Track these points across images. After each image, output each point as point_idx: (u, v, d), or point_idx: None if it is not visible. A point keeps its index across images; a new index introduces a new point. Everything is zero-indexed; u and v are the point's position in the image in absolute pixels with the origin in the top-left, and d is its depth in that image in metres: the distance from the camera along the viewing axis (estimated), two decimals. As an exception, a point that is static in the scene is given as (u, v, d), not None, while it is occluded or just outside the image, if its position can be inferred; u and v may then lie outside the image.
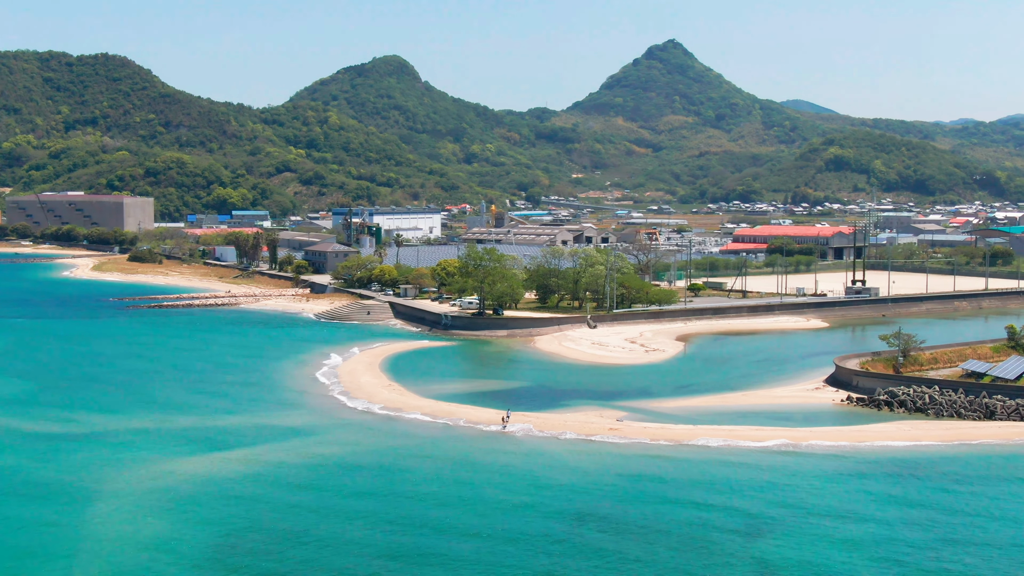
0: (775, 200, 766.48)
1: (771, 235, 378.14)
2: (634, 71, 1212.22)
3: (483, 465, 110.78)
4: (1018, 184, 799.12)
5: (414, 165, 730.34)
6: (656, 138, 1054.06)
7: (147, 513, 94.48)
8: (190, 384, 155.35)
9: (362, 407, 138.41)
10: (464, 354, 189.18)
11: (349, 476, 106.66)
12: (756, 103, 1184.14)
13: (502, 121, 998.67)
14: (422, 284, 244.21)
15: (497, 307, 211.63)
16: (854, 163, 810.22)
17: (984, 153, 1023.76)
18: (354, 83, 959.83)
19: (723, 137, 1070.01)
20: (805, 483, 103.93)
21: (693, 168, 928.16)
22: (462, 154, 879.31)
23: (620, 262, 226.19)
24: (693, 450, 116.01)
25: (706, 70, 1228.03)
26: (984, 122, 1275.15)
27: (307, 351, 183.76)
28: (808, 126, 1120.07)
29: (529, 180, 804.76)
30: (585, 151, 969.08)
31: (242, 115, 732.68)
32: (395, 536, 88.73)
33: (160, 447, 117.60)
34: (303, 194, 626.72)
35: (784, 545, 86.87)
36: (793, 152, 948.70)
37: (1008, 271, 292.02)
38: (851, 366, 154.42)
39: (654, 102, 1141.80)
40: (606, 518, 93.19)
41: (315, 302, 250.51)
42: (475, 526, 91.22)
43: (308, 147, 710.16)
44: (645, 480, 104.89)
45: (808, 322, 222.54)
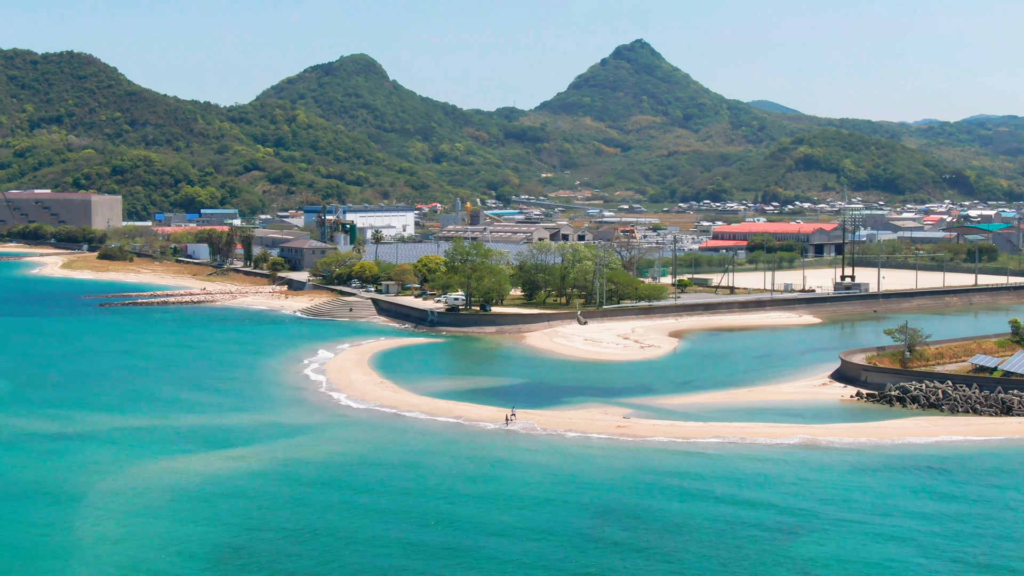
0: (745, 199, 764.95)
1: (751, 232, 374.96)
2: (602, 71, 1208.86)
3: (498, 463, 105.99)
4: (987, 183, 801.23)
5: (383, 164, 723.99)
6: (625, 138, 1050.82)
7: (147, 513, 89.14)
8: (177, 381, 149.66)
9: (357, 405, 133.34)
10: (454, 351, 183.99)
11: (358, 475, 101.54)
12: (723, 103, 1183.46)
13: (471, 120, 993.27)
14: (404, 280, 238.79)
15: (484, 303, 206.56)
16: (823, 162, 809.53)
17: (951, 152, 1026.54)
18: (321, 82, 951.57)
19: (691, 137, 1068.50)
20: (833, 480, 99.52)
21: (662, 168, 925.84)
22: (431, 153, 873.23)
23: (609, 257, 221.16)
24: (709, 447, 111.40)
25: (674, 70, 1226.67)
26: (949, 122, 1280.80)
27: (292, 348, 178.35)
28: (776, 126, 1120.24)
29: (499, 179, 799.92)
30: (554, 151, 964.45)
31: (209, 113, 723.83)
32: (424, 534, 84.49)
33: (154, 445, 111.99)
34: (272, 192, 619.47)
35: (825, 544, 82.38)
36: (761, 152, 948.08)
37: (994, 267, 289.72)
38: (857, 361, 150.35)
39: (622, 102, 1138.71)
40: (633, 516, 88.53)
41: (294, 299, 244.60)
42: (501, 523, 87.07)
43: (276, 145, 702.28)
44: (667, 477, 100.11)
45: (800, 318, 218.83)
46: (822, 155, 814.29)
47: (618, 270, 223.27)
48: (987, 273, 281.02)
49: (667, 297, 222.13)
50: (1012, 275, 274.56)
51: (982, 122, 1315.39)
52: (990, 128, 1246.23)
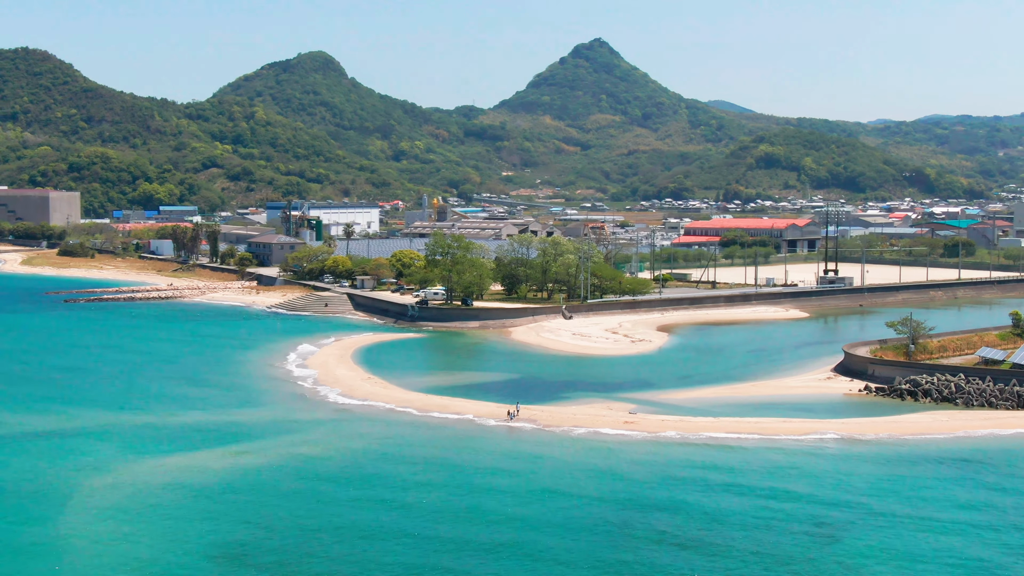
0: (707, 197, 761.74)
1: (723, 228, 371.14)
2: (561, 70, 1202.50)
3: (515, 457, 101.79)
4: (948, 181, 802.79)
5: (344, 161, 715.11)
6: (584, 136, 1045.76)
7: (140, 516, 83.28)
8: (160, 377, 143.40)
9: (348, 401, 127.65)
10: (438, 346, 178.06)
11: (372, 470, 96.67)
12: (682, 102, 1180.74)
13: (430, 118, 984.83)
14: (380, 275, 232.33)
15: (465, 297, 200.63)
16: (784, 160, 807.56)
17: (908, 151, 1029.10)
18: (279, 79, 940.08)
19: (650, 136, 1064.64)
20: (863, 478, 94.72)
21: (622, 166, 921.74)
22: (390, 151, 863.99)
23: (592, 251, 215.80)
24: (726, 443, 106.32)
25: (632, 69, 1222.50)
26: (906, 121, 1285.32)
27: (271, 344, 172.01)
28: (734, 125, 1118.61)
29: (460, 177, 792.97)
30: (514, 149, 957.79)
31: (166, 110, 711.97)
32: (460, 529, 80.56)
33: (139, 444, 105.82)
34: (231, 190, 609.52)
35: (869, 544, 77.59)
36: (721, 151, 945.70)
37: (972, 262, 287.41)
38: (862, 354, 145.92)
39: (581, 101, 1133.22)
40: (671, 511, 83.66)
41: (266, 294, 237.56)
42: (536, 518, 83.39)
43: (235, 143, 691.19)
44: (690, 475, 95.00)
45: (787, 312, 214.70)
46: (783, 153, 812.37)
47: (601, 264, 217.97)
48: (966, 268, 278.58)
49: (651, 291, 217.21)
50: (990, 269, 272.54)
51: (937, 121, 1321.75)
52: (946, 127, 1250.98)
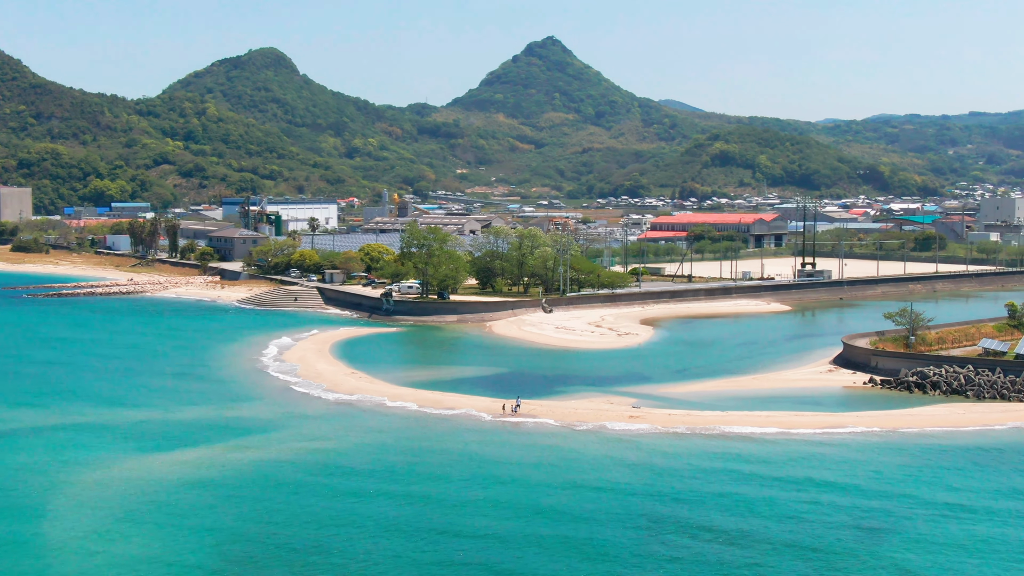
0: (663, 195, 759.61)
1: (690, 223, 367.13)
2: (514, 68, 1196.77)
3: (529, 449, 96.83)
4: (902, 179, 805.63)
5: (297, 158, 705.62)
6: (538, 135, 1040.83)
7: (124, 523, 76.89)
8: (129, 376, 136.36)
9: (336, 397, 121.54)
10: (418, 340, 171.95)
11: (382, 466, 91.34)
12: (635, 101, 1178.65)
13: (383, 116, 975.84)
14: (350, 269, 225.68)
15: (442, 291, 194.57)
16: (739, 158, 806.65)
17: (859, 150, 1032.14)
18: (230, 75, 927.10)
19: (604, 134, 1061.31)
20: (895, 474, 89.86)
21: (577, 164, 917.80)
22: (343, 148, 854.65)
23: (570, 244, 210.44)
24: (743, 437, 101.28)
25: (585, 67, 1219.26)
26: (856, 120, 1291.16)
27: (244, 339, 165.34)
28: (687, 123, 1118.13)
29: (415, 175, 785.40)
30: (468, 147, 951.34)
31: (116, 106, 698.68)
32: (493, 523, 76.32)
33: (120, 445, 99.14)
34: (183, 186, 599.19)
35: (917, 547, 72.52)
36: (674, 149, 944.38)
37: (943, 255, 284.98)
38: (863, 345, 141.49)
39: (535, 99, 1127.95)
40: (692, 518, 77.87)
41: (231, 289, 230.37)
42: (569, 511, 79.10)
43: (186, 139, 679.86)
44: (714, 470, 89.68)
45: (768, 305, 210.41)
46: (737, 151, 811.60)
47: (578, 257, 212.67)
48: (938, 261, 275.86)
49: (630, 285, 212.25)
50: (967, 263, 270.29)
51: (886, 120, 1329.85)
52: (895, 126, 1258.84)
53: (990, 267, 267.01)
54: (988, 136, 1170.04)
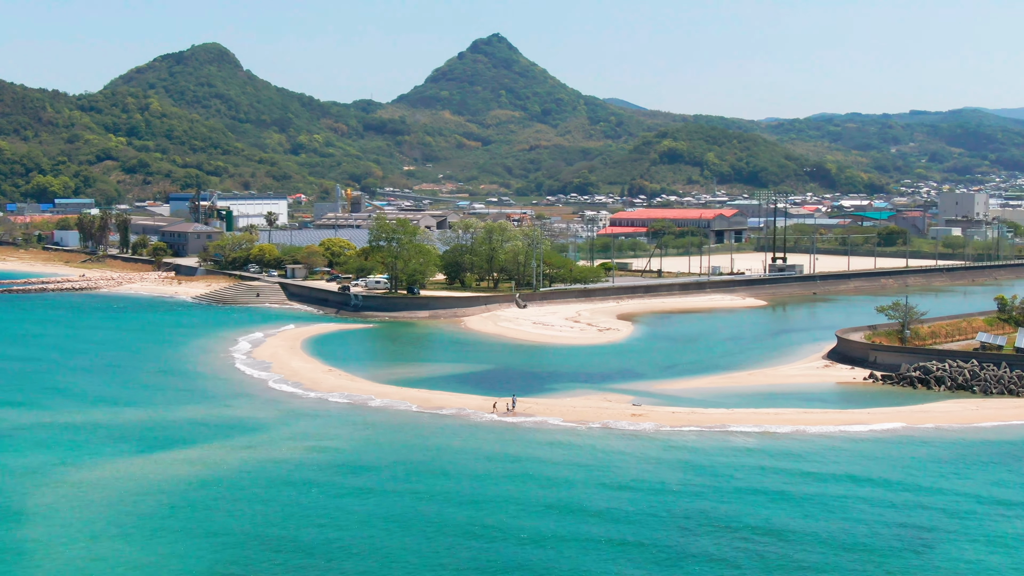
0: (612, 192, 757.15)
1: (650, 218, 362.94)
2: (459, 65, 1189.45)
3: (543, 446, 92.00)
4: (849, 176, 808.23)
5: (242, 154, 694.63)
6: (484, 132, 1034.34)
7: (110, 531, 70.45)
8: (96, 375, 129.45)
9: (316, 396, 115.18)
10: (391, 336, 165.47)
11: (389, 467, 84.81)
12: (580, 99, 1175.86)
13: (328, 112, 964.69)
14: (312, 264, 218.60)
15: (411, 286, 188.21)
16: (687, 156, 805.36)
17: (804, 148, 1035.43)
18: (172, 71, 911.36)
19: (551, 132, 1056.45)
20: (930, 470, 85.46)
21: (524, 162, 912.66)
22: (288, 144, 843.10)
23: (541, 237, 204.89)
24: (758, 435, 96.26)
25: (531, 65, 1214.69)
26: (799, 118, 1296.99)
27: (209, 336, 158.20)
28: (633, 122, 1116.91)
29: (362, 171, 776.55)
30: (415, 144, 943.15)
31: (58, 102, 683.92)
32: (529, 521, 69.94)
33: (100, 446, 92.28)
34: (127, 182, 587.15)
35: (975, 544, 67.87)
36: (621, 147, 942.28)
37: (909, 251, 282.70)
38: (859, 339, 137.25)
39: (480, 96, 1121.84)
40: (744, 517, 72.68)
41: (188, 285, 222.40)
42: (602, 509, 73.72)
43: (129, 135, 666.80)
44: (746, 467, 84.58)
45: (743, 300, 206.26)
46: (686, 149, 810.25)
47: (550, 252, 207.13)
48: (903, 256, 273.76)
49: (603, 280, 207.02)
50: (935, 258, 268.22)
51: (828, 119, 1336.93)
52: (838, 125, 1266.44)
53: (959, 262, 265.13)
54: (930, 134, 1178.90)
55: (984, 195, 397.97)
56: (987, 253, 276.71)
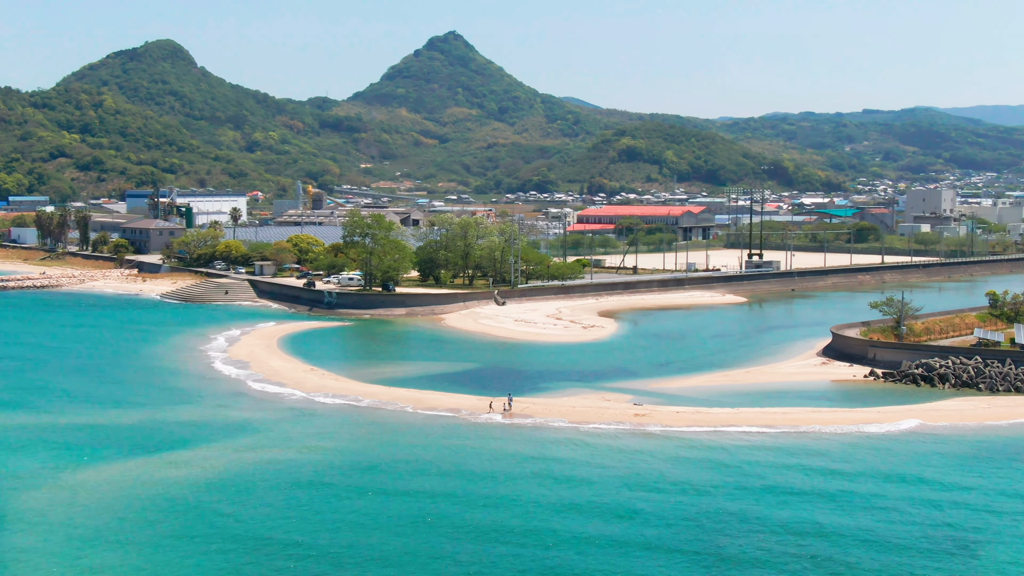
0: (571, 190, 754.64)
1: (618, 215, 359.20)
2: (416, 62, 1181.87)
3: (558, 445, 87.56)
4: (806, 174, 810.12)
5: (198, 151, 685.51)
6: (441, 130, 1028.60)
7: (93, 542, 65.23)
8: (73, 375, 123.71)
9: (302, 396, 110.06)
10: (371, 335, 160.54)
11: (375, 477, 79.60)
12: (537, 97, 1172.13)
13: (284, 109, 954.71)
14: (281, 260, 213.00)
15: (387, 283, 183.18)
16: (646, 154, 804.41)
17: (760, 146, 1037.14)
18: (126, 68, 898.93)
19: (508, 130, 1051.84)
20: (958, 471, 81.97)
21: (482, 160, 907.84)
22: (244, 142, 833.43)
23: (517, 233, 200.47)
24: (773, 438, 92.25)
25: (487, 63, 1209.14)
26: (753, 117, 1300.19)
27: (180, 335, 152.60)
28: (590, 120, 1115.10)
29: (319, 169, 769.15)
30: (372, 141, 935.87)
31: (10, 98, 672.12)
32: (577, 524, 65.99)
33: (83, 450, 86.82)
34: (82, 180, 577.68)
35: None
36: (579, 145, 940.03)
37: (879, 247, 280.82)
38: (855, 336, 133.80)
39: (437, 94, 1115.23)
40: (764, 523, 68.33)
41: (153, 282, 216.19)
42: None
43: (83, 132, 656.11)
44: (774, 465, 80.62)
45: (723, 297, 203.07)
46: (644, 147, 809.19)
47: (527, 248, 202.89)
48: (875, 253, 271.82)
49: (581, 276, 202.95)
50: (902, 254, 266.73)
51: (783, 118, 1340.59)
52: (792, 124, 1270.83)
53: (934, 258, 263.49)
54: (884, 133, 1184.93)
55: (951, 192, 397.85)
56: (960, 249, 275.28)
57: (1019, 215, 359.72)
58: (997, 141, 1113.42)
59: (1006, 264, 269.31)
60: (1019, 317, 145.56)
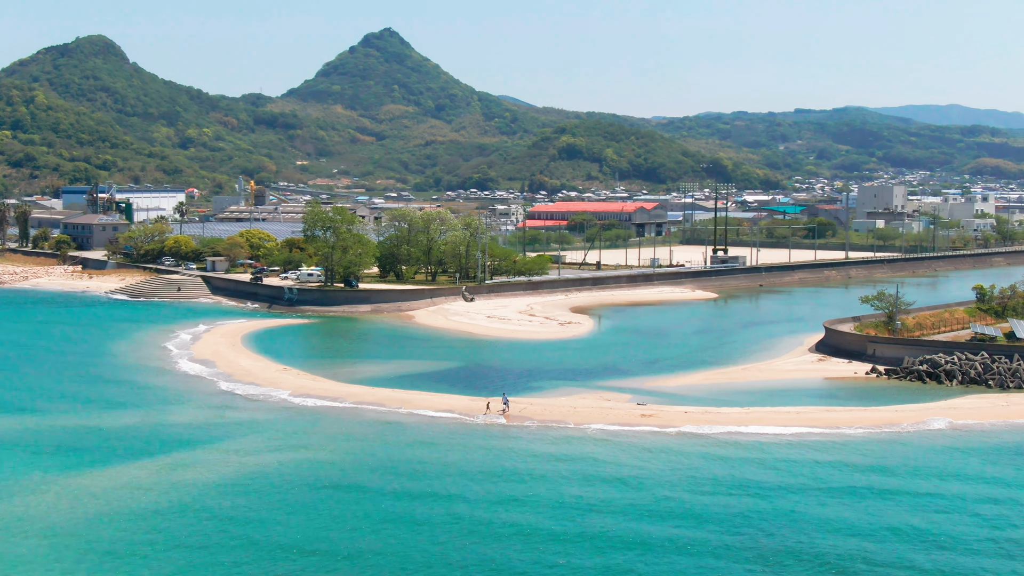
0: (512, 188, 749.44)
1: (570, 211, 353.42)
2: (351, 59, 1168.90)
3: (582, 442, 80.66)
4: (745, 172, 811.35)
5: (132, 148, 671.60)
6: (379, 127, 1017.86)
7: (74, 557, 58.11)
8: (31, 377, 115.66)
9: (281, 398, 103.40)
10: (338, 332, 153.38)
11: (376, 478, 73.27)
12: (474, 94, 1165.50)
13: (217, 105, 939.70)
14: (234, 256, 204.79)
15: (349, 279, 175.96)
16: (586, 152, 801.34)
17: (697, 145, 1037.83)
18: (57, 64, 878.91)
19: (446, 127, 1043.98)
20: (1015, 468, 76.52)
21: (420, 157, 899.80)
22: (177, 138, 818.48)
23: (482, 227, 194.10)
24: (798, 437, 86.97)
25: (424, 60, 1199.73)
26: (689, 116, 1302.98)
27: (137, 333, 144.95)
28: (527, 118, 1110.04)
29: (254, 165, 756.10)
30: (308, 138, 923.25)
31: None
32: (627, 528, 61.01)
33: (41, 459, 79.18)
34: (13, 177, 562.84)
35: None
36: (517, 143, 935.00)
37: (836, 243, 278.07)
38: (849, 331, 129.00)
39: (373, 91, 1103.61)
40: (826, 523, 62.80)
41: (100, 279, 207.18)
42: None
43: (13, 128, 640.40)
44: (809, 470, 74.99)
45: (693, 292, 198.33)
46: (584, 145, 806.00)
47: (493, 243, 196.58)
48: (831, 248, 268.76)
49: (547, 272, 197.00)
50: (874, 250, 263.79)
51: (716, 117, 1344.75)
52: (727, 123, 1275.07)
53: (897, 253, 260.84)
54: (817, 132, 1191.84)
55: (902, 188, 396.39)
56: (920, 245, 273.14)
57: (970, 211, 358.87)
58: (929, 140, 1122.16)
59: (968, 259, 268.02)
60: (1007, 312, 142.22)
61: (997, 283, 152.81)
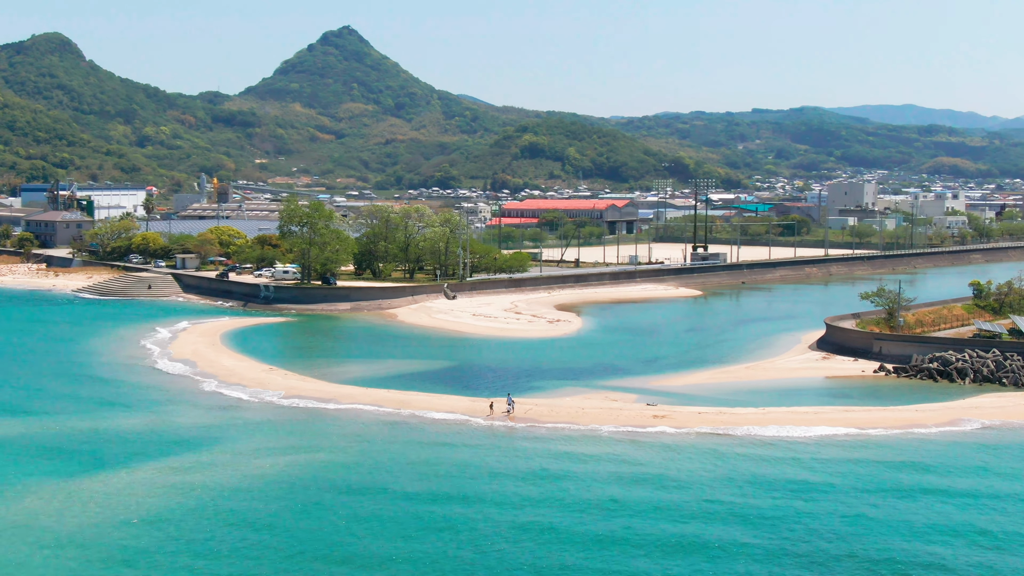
0: (475, 186, 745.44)
1: (541, 209, 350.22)
2: (309, 56, 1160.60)
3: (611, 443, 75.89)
4: (706, 171, 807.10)
5: (89, 146, 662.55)
6: (338, 125, 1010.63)
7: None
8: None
9: (272, 399, 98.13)
10: (320, 331, 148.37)
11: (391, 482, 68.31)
12: (434, 93, 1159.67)
13: (175, 103, 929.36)
14: (205, 253, 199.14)
15: (327, 276, 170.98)
16: (549, 150, 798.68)
17: (657, 144, 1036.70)
18: (12, 61, 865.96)
19: (406, 126, 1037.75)
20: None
21: (381, 155, 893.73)
22: (135, 136, 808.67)
23: (463, 223, 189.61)
24: (823, 438, 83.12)
25: (383, 58, 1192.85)
26: (648, 115, 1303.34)
27: (110, 332, 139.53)
28: (488, 117, 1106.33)
29: (213, 164, 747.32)
30: (267, 136, 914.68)
31: None
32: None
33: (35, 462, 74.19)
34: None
35: None
36: (478, 142, 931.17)
37: (814, 240, 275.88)
38: (855, 328, 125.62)
39: (332, 89, 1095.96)
40: (892, 525, 58.81)
41: (66, 277, 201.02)
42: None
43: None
44: (852, 470, 71.09)
45: (677, 290, 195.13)
46: (546, 143, 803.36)
47: (473, 240, 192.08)
48: (808, 246, 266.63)
49: (527, 269, 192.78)
50: (838, 247, 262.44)
51: (675, 117, 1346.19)
52: (686, 122, 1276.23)
53: (876, 251, 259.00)
54: (775, 132, 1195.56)
55: (873, 185, 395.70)
56: (897, 242, 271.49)
57: (941, 208, 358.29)
58: (886, 139, 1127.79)
59: (947, 256, 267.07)
60: (1004, 308, 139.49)
61: (979, 279, 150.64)
